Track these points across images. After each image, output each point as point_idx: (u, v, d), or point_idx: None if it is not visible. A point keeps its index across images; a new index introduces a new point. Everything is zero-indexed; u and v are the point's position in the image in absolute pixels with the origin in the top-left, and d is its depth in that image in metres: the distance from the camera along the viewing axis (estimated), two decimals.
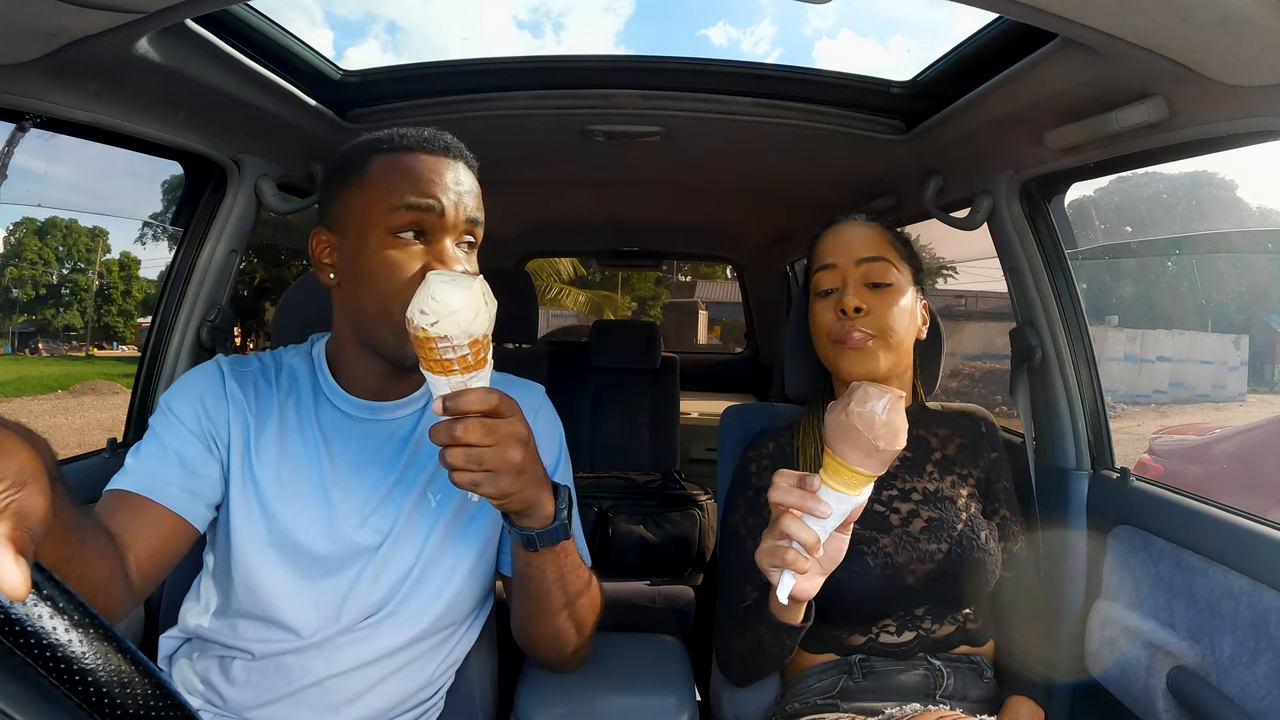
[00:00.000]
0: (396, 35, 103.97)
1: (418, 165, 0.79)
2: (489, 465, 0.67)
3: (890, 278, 1.01)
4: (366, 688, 0.83)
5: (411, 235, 0.77)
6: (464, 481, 0.68)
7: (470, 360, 0.66)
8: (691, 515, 2.06)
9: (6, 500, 0.38)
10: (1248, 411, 8.97)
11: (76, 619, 0.35)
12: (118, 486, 0.77)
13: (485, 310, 0.66)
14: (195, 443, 0.81)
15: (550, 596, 0.81)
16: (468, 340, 0.65)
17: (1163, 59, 0.78)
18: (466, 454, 0.66)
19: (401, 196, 0.77)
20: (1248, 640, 0.88)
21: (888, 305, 0.99)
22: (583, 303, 14.91)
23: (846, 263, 1.02)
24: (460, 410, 0.66)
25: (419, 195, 0.77)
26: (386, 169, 0.79)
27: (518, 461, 0.68)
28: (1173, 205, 6.25)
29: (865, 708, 0.94)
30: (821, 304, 1.03)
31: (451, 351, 0.65)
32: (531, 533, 0.75)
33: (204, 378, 0.86)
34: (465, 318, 0.64)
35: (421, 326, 0.64)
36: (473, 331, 0.64)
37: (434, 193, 0.77)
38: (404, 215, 0.77)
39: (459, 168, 0.81)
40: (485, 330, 0.66)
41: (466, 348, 0.65)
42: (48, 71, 0.86)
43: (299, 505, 0.82)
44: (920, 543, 0.97)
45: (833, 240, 1.05)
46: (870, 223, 1.06)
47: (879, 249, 1.02)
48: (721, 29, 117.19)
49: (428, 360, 0.66)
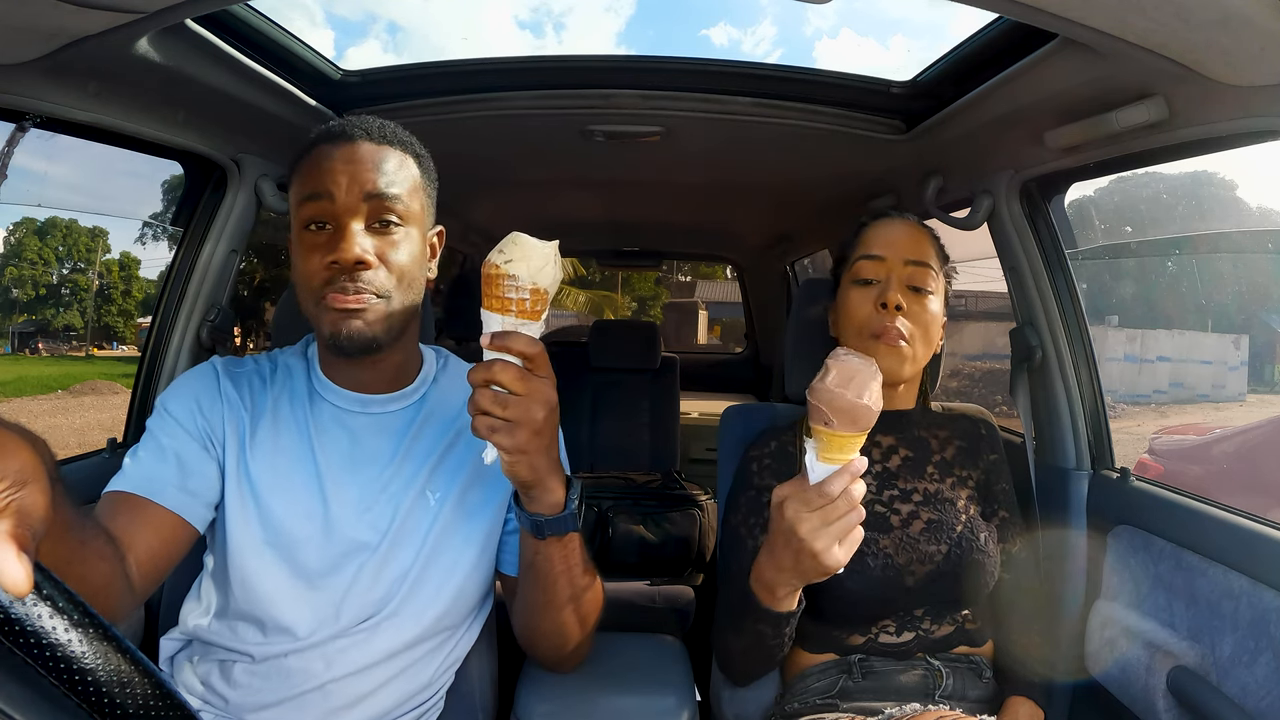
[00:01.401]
0: (397, 35, 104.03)
1: (314, 157, 0.81)
2: (510, 415, 0.68)
3: (931, 285, 1.01)
4: (368, 691, 0.83)
5: (315, 227, 0.80)
6: (483, 427, 0.68)
7: (527, 307, 0.69)
8: (691, 515, 2.06)
9: (8, 499, 0.38)
10: (1248, 411, 8.96)
11: (76, 619, 0.35)
12: (116, 488, 0.78)
13: (553, 267, 0.70)
14: (192, 443, 0.81)
15: (557, 588, 0.81)
16: (530, 285, 0.68)
17: (1163, 59, 0.78)
18: (494, 396, 0.68)
19: (302, 190, 0.80)
20: (1248, 640, 0.88)
21: (925, 311, 1.00)
22: (583, 303, 14.91)
23: (894, 259, 1.01)
24: (504, 347, 0.68)
25: (310, 185, 0.80)
26: (300, 168, 0.82)
27: (539, 420, 0.69)
28: (1173, 205, 6.24)
29: (865, 708, 0.94)
30: (859, 293, 1.02)
31: (514, 291, 0.68)
32: (540, 519, 0.75)
33: (199, 378, 0.86)
34: (535, 264, 0.68)
35: (495, 263, 0.68)
36: (538, 280, 0.68)
37: (322, 180, 0.79)
38: (305, 208, 0.80)
39: (356, 147, 0.80)
40: (548, 285, 0.69)
41: (528, 292, 0.68)
42: (48, 71, 0.86)
43: (293, 500, 0.82)
44: (920, 544, 0.97)
45: (883, 233, 1.04)
46: (920, 225, 1.06)
47: (925, 254, 1.02)
48: (722, 29, 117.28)
49: (490, 296, 0.69)
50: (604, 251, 3.41)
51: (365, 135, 0.82)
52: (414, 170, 0.84)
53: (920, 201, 1.44)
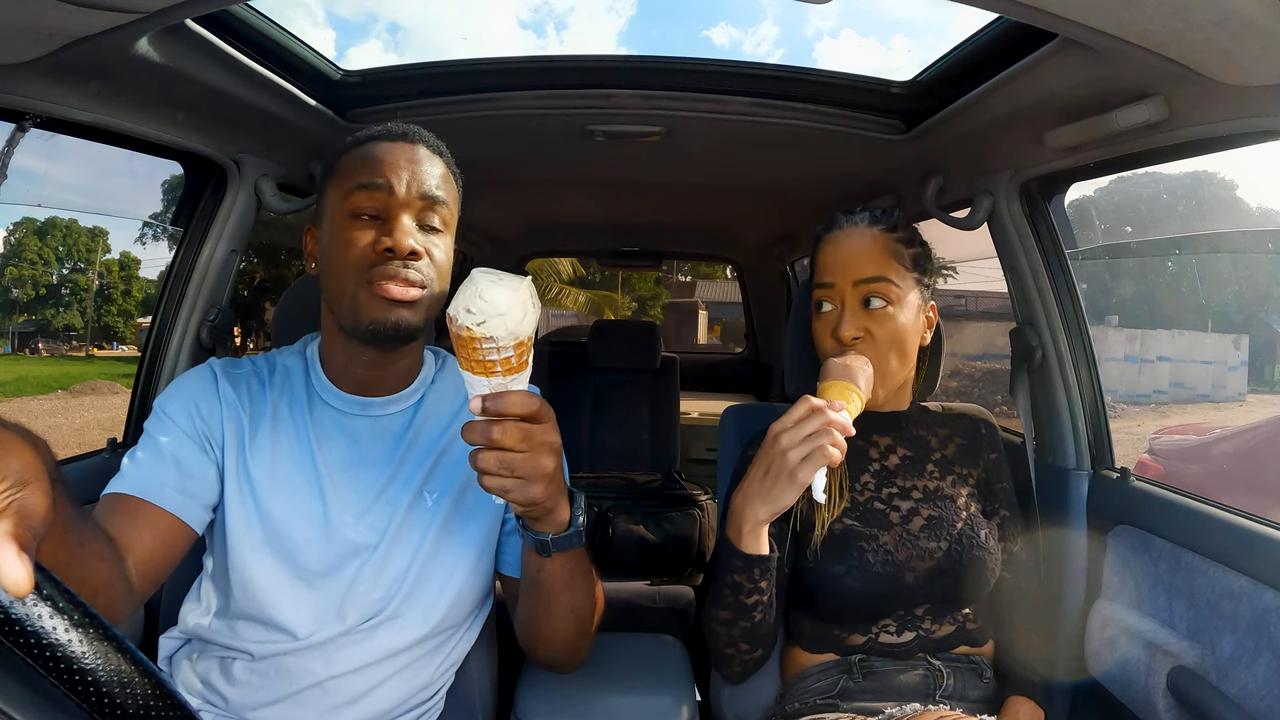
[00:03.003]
0: (398, 35, 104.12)
1: (372, 150, 0.83)
2: (521, 472, 0.66)
3: (890, 296, 0.97)
4: (368, 689, 0.83)
5: (367, 217, 0.80)
6: (494, 486, 0.66)
7: (514, 362, 0.64)
8: (691, 515, 2.06)
9: (9, 499, 0.38)
10: (1248, 411, 8.96)
11: (76, 619, 0.35)
12: (115, 490, 0.78)
13: (532, 312, 0.63)
14: (190, 444, 0.81)
15: (559, 600, 0.82)
16: (513, 342, 0.63)
17: (1163, 59, 0.78)
18: (500, 459, 0.65)
19: (354, 179, 0.81)
20: (1248, 640, 0.88)
21: (885, 329, 0.96)
22: (583, 303, 14.90)
23: (844, 282, 0.98)
24: (500, 412, 0.64)
25: (368, 175, 0.81)
26: (348, 160, 0.83)
27: (550, 470, 0.67)
28: (1173, 205, 6.25)
29: (865, 708, 0.94)
30: (819, 322, 1.01)
31: (496, 353, 0.63)
32: (546, 538, 0.75)
33: (197, 380, 0.86)
34: (514, 319, 0.61)
35: (466, 325, 0.61)
36: (519, 333, 0.63)
37: (382, 171, 0.81)
38: (357, 196, 0.80)
39: (416, 149, 0.84)
40: (530, 333, 0.64)
41: (511, 349, 0.63)
42: (48, 71, 0.86)
43: (293, 503, 0.82)
44: (920, 540, 0.97)
45: (832, 253, 1.00)
46: (872, 227, 1.00)
47: (879, 266, 0.97)
48: (723, 29, 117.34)
49: (469, 360, 0.64)
50: (604, 251, 3.41)
51: (424, 142, 0.85)
52: (454, 187, 0.88)
53: (920, 201, 1.44)
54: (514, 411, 0.65)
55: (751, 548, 0.87)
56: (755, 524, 0.86)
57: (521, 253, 3.16)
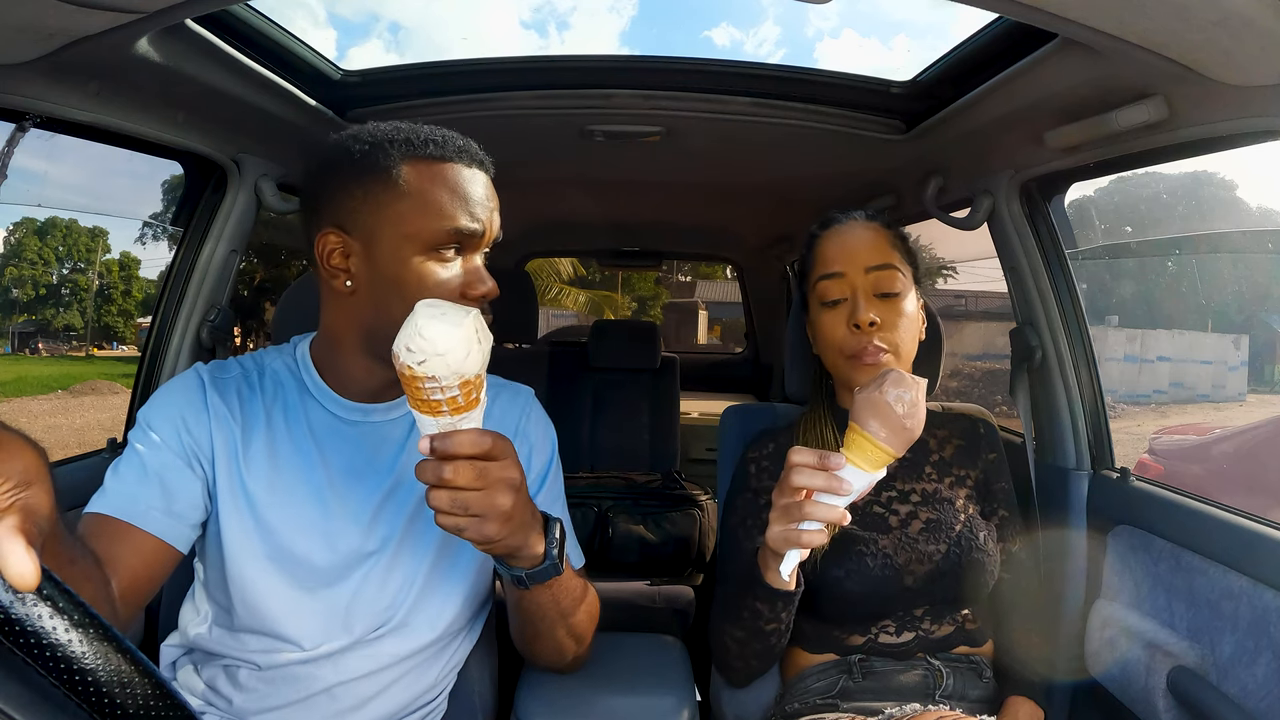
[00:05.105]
0: (399, 35, 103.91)
1: (459, 180, 0.76)
2: (475, 510, 0.63)
3: (898, 285, 0.97)
4: (374, 693, 0.83)
5: (452, 251, 0.76)
6: (448, 525, 0.64)
7: (460, 402, 0.60)
8: (691, 515, 2.06)
9: (14, 496, 0.38)
10: (1248, 411, 8.96)
11: (76, 619, 0.35)
12: (98, 510, 0.75)
13: (478, 349, 0.60)
14: (176, 461, 0.78)
15: (547, 621, 0.81)
16: (458, 381, 0.59)
17: (1163, 59, 0.78)
18: (453, 497, 0.63)
19: (452, 218, 0.75)
20: (1248, 640, 0.88)
21: (899, 315, 0.97)
22: (583, 303, 14.90)
23: (854, 271, 0.98)
24: (449, 454, 0.62)
25: (470, 220, 0.76)
26: (426, 180, 0.75)
27: (506, 508, 0.65)
28: (1173, 205, 6.25)
29: (865, 708, 0.94)
30: (830, 315, 0.99)
31: (440, 393, 0.59)
32: (521, 573, 0.73)
33: (183, 391, 0.82)
34: (455, 358, 0.58)
35: (407, 364, 0.58)
36: (463, 372, 0.59)
37: (481, 216, 0.77)
38: (451, 235, 0.75)
39: (489, 182, 0.81)
40: (478, 370, 0.60)
41: (456, 389, 0.59)
42: (48, 71, 0.86)
43: (295, 514, 0.80)
44: (919, 544, 0.97)
45: (836, 245, 1.01)
46: (871, 222, 1.02)
47: (885, 255, 0.98)
48: (724, 30, 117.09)
49: (414, 399, 0.61)
50: (604, 251, 3.41)
51: (486, 167, 0.82)
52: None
53: (920, 201, 1.44)
54: (463, 453, 0.62)
55: (778, 583, 0.84)
56: (773, 558, 0.82)
57: (521, 253, 3.16)
